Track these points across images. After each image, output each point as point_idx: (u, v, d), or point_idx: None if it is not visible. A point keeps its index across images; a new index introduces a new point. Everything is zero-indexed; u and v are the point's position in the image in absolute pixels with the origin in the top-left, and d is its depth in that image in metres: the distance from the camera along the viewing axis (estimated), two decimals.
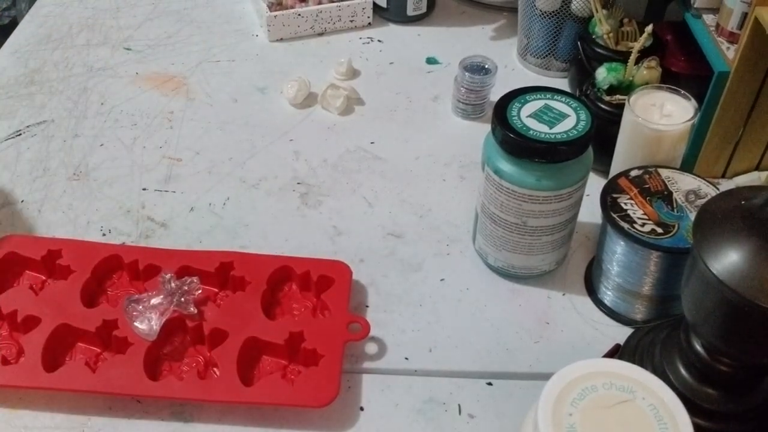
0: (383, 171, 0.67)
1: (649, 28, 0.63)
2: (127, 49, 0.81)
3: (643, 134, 0.56)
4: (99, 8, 0.88)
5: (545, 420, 0.38)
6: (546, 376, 0.40)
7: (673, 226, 0.50)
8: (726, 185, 0.64)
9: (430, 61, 0.80)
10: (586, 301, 0.56)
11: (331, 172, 0.67)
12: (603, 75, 0.62)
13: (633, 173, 0.54)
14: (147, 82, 0.75)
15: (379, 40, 0.83)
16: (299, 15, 0.82)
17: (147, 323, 0.49)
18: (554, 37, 0.74)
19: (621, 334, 0.52)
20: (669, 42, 0.69)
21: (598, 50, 0.66)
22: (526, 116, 0.50)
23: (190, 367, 0.50)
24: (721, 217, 0.39)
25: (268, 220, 0.61)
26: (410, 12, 0.84)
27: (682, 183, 0.53)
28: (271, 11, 0.81)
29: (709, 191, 0.52)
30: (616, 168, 0.60)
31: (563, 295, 0.56)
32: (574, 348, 0.52)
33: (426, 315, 0.55)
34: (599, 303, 0.55)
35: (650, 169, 0.54)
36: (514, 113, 0.50)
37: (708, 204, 0.40)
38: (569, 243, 0.56)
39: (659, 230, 0.50)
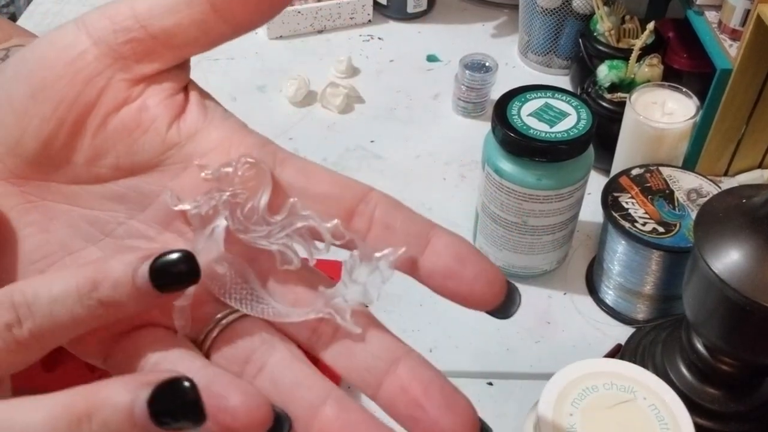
0: (383, 170, 0.67)
1: (650, 26, 0.63)
2: None
3: (645, 132, 0.56)
4: (97, 5, 0.88)
5: (546, 420, 0.38)
6: (547, 376, 0.39)
7: (675, 225, 0.50)
8: (728, 183, 0.64)
9: (431, 58, 0.80)
10: (588, 301, 0.55)
11: None
12: (604, 72, 0.62)
13: (634, 172, 0.54)
14: None
15: (379, 38, 0.83)
16: (299, 12, 0.81)
17: None
18: (555, 34, 0.74)
19: (622, 333, 0.52)
20: (671, 39, 0.68)
21: (600, 48, 0.66)
22: (527, 115, 0.50)
23: None
24: (723, 216, 0.38)
25: None
26: (410, 9, 0.84)
27: (684, 181, 0.53)
28: None
29: (710, 190, 0.52)
30: (617, 166, 0.60)
31: (564, 294, 0.56)
32: (575, 348, 0.52)
33: (426, 315, 0.54)
34: (600, 302, 0.55)
35: (652, 168, 0.54)
36: (515, 112, 0.50)
37: (709, 203, 0.40)
38: (570, 242, 0.56)
39: (660, 229, 0.49)
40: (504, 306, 0.23)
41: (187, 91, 0.27)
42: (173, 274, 0.22)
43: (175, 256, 0.22)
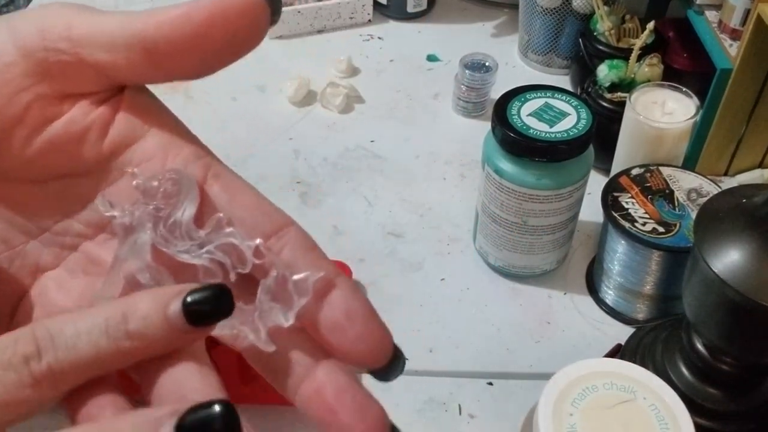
0: (383, 170, 0.67)
1: (650, 25, 0.62)
2: None
3: (645, 132, 0.56)
4: (97, 5, 0.87)
5: (546, 420, 0.38)
6: (547, 376, 0.40)
7: (675, 225, 0.50)
8: (728, 183, 0.64)
9: (431, 58, 0.80)
10: (588, 301, 0.55)
11: (330, 170, 0.66)
12: (604, 72, 0.62)
13: (634, 172, 0.54)
14: None
15: (379, 38, 0.83)
16: (299, 12, 0.81)
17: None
18: (555, 34, 0.74)
19: (622, 333, 0.52)
20: (671, 39, 0.68)
21: (600, 47, 0.66)
22: (527, 115, 0.49)
23: None
24: (723, 216, 0.38)
25: None
26: (410, 9, 0.84)
27: (684, 181, 0.53)
28: None
29: (710, 189, 0.52)
30: (617, 166, 0.60)
31: (564, 294, 0.56)
32: (575, 348, 0.52)
33: (426, 315, 0.54)
34: (600, 302, 0.55)
35: (651, 168, 0.54)
36: (514, 112, 0.50)
37: (709, 202, 0.40)
38: (570, 242, 0.56)
39: (660, 229, 0.49)
40: (385, 370, 0.23)
41: (121, 95, 0.25)
42: (207, 308, 0.22)
43: (209, 291, 0.22)
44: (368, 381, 0.54)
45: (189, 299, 0.21)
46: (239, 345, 0.24)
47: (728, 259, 0.36)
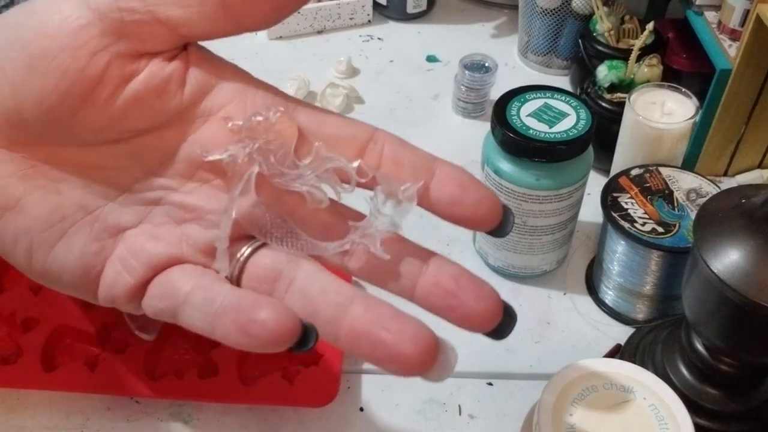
0: None
1: (650, 26, 0.63)
2: None
3: (644, 133, 0.56)
4: None
5: (545, 420, 0.38)
6: (546, 376, 0.40)
7: (674, 226, 0.50)
8: (728, 183, 0.64)
9: (431, 59, 0.80)
10: (587, 301, 0.55)
11: None
12: (604, 73, 0.62)
13: (634, 172, 0.54)
14: None
15: (378, 38, 0.83)
16: (299, 13, 0.81)
17: None
18: (555, 34, 0.74)
19: (622, 333, 0.52)
20: (670, 39, 0.68)
21: (599, 48, 0.66)
22: (526, 115, 0.50)
23: (189, 367, 0.50)
24: (722, 216, 0.38)
25: None
26: (410, 9, 0.84)
27: (683, 182, 0.53)
28: None
29: (710, 190, 0.52)
30: (616, 167, 0.60)
31: (564, 294, 0.56)
32: (575, 348, 0.52)
33: (426, 315, 0.54)
34: (600, 303, 0.55)
35: (651, 168, 0.54)
36: (514, 112, 0.50)
37: (708, 203, 0.40)
38: (570, 242, 0.56)
39: (660, 229, 0.49)
40: (501, 226, 0.26)
41: (186, 53, 0.27)
42: None
43: None
44: (367, 379, 0.54)
45: None
46: (349, 264, 0.26)
47: (728, 260, 0.36)
